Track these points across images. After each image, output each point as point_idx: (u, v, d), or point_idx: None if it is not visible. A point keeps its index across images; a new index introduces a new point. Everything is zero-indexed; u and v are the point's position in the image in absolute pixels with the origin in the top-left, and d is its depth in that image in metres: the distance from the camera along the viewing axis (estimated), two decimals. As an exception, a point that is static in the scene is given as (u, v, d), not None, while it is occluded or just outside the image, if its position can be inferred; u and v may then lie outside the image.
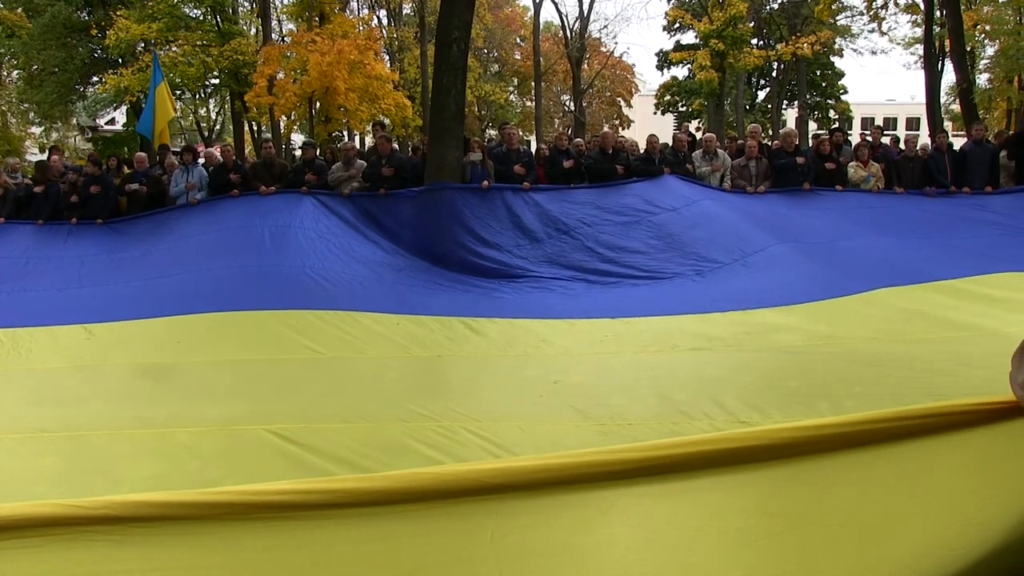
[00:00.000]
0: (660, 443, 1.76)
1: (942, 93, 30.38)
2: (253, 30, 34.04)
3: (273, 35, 30.75)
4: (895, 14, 35.31)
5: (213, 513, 1.58)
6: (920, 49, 31.28)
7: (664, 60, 45.22)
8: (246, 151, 31.45)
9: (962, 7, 24.39)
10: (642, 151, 12.20)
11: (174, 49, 28.10)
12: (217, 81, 31.66)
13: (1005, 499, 1.75)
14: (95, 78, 30.73)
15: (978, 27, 32.36)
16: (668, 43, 45.76)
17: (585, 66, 41.27)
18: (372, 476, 1.67)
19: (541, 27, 40.42)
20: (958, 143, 13.22)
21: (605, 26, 48.27)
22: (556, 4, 51.87)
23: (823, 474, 1.79)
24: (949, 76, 28.24)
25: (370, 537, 1.63)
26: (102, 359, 7.16)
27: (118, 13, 27.19)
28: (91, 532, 1.56)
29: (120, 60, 28.40)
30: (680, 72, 45.45)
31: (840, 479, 1.79)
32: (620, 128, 44.36)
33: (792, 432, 1.77)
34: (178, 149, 14.94)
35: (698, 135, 16.15)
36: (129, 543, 1.56)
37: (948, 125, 28.49)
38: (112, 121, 38.77)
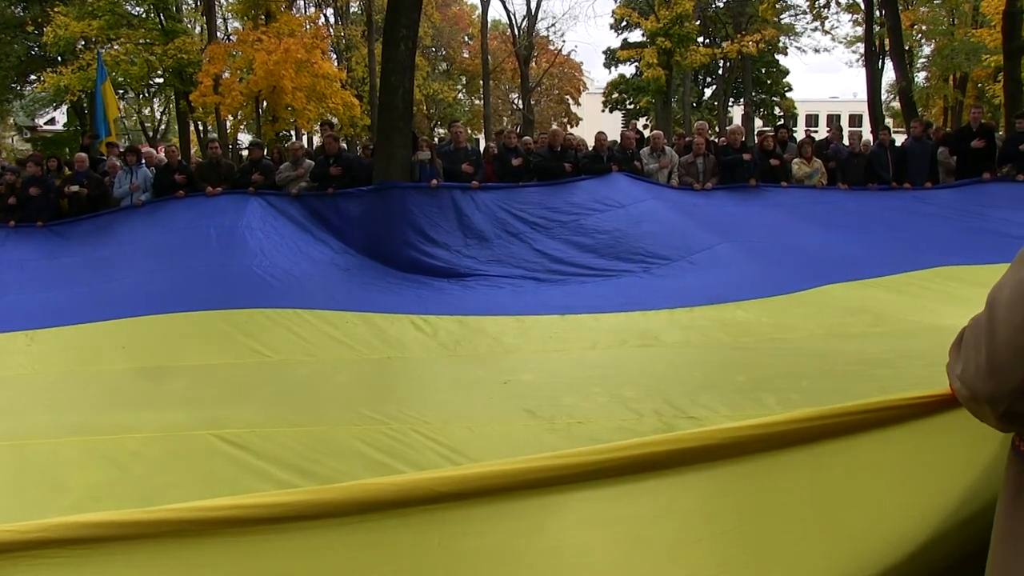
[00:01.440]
0: (607, 446, 1.76)
1: (883, 91, 30.99)
2: (198, 29, 33.52)
3: (218, 34, 30.28)
4: (837, 13, 35.79)
5: (156, 531, 1.54)
6: (861, 47, 31.84)
7: (612, 58, 45.53)
8: (192, 151, 30.96)
9: (900, 7, 24.90)
10: (590, 149, 12.27)
11: (116, 47, 27.50)
12: (161, 80, 31.07)
13: (937, 490, 1.80)
14: (33, 76, 30.00)
15: (915, 27, 33.08)
16: (615, 41, 46.16)
17: (533, 64, 41.29)
18: (319, 488, 1.65)
19: (489, 25, 40.34)
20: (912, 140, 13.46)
21: (553, 24, 48.44)
22: (504, 2, 51.78)
23: (768, 472, 1.80)
24: (890, 74, 28.84)
25: (318, 549, 1.61)
26: (44, 366, 6.98)
27: (55, 9, 26.52)
28: (27, 557, 1.50)
29: (59, 58, 27.77)
30: (627, 70, 45.82)
31: (784, 476, 1.81)
32: (568, 126, 44.50)
33: (738, 432, 1.79)
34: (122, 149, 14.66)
35: (646, 132, 16.25)
36: (67, 566, 1.51)
37: (889, 122, 29.09)
38: (52, 121, 37.84)
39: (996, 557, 1.44)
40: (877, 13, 24.12)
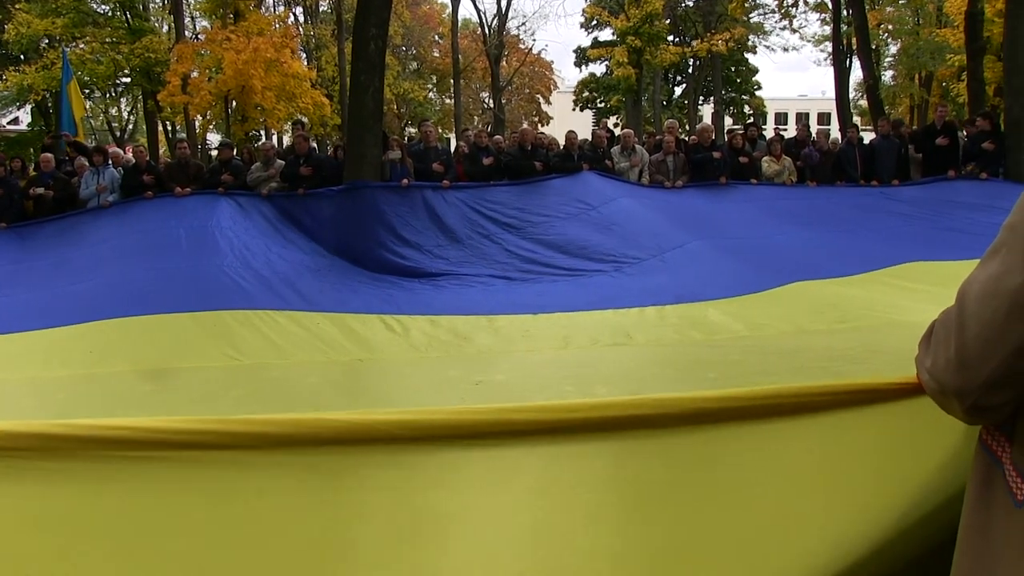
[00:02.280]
0: (567, 404, 1.70)
1: (851, 89, 31.33)
2: (165, 27, 33.19)
3: (186, 32, 30.02)
4: (805, 12, 36.20)
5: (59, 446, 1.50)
6: (830, 46, 32.17)
7: (582, 57, 45.64)
8: (160, 152, 30.66)
9: (866, 6, 25.18)
10: (561, 147, 12.29)
11: (82, 46, 27.20)
12: (128, 80, 30.78)
13: (900, 481, 1.79)
14: (-6, 75, 29.58)
15: (882, 26, 33.52)
16: (586, 40, 46.28)
17: (504, 63, 41.31)
18: (268, 419, 1.58)
19: (459, 24, 40.34)
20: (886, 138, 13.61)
21: (523, 23, 48.24)
22: (474, 1, 51.84)
23: (728, 446, 1.76)
24: (857, 73, 29.15)
25: (268, 488, 1.57)
26: (7, 372, 6.85)
27: (17, 6, 26.15)
28: None
29: (22, 56, 27.39)
30: (598, 69, 46.01)
31: (745, 453, 1.77)
32: (539, 125, 44.55)
33: (702, 402, 1.74)
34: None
35: (616, 131, 16.30)
36: None
37: (857, 120, 29.43)
38: (16, 121, 37.25)
39: (963, 551, 1.45)
40: (844, 12, 24.38)
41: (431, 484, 1.66)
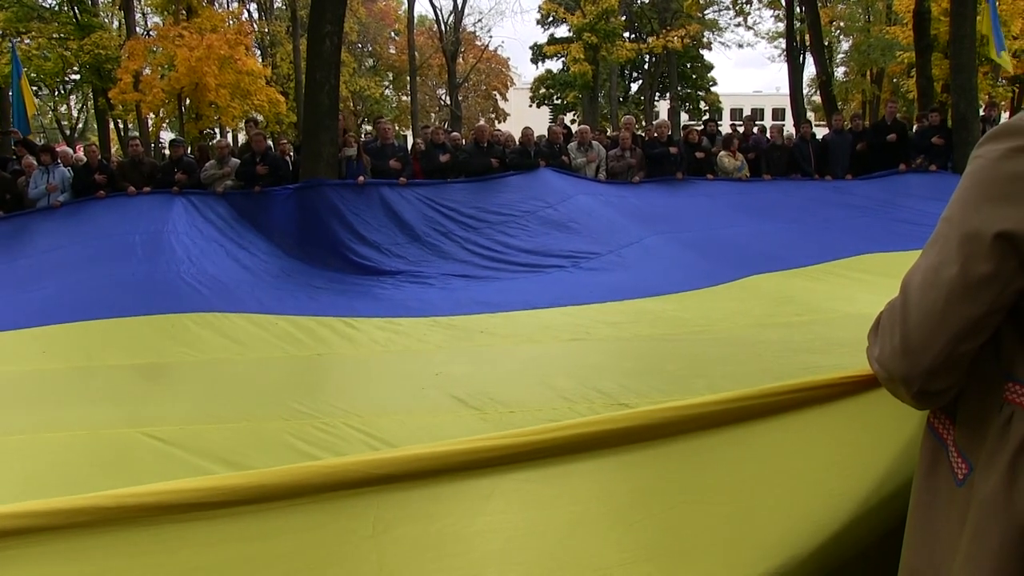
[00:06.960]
0: (541, 428, 1.75)
1: (804, 85, 31.75)
2: (116, 23, 32.64)
3: (137, 29, 29.52)
4: (759, 9, 36.71)
5: (79, 521, 1.50)
6: (783, 43, 32.59)
7: (538, 53, 45.65)
8: (112, 150, 30.13)
9: (819, 3, 25.53)
10: (518, 144, 12.32)
11: (27, 42, 26.58)
12: (78, 77, 30.17)
13: (860, 469, 1.85)
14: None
15: (834, 23, 34.01)
16: (542, 37, 46.36)
17: (460, 60, 41.27)
18: (248, 473, 1.60)
19: (415, 21, 40.20)
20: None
21: (479, 20, 48.10)
22: (430, -2, 51.81)
23: (699, 453, 1.82)
24: (811, 69, 29.56)
25: (247, 536, 1.58)
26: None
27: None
28: None
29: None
30: (554, 65, 46.03)
31: (715, 458, 1.83)
32: (496, 121, 44.57)
33: (669, 412, 1.80)
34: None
35: (573, 127, 16.37)
36: None
37: (811, 115, 29.84)
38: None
39: (911, 529, 1.50)
40: (797, 9, 24.68)
41: (470, 511, 1.71)
